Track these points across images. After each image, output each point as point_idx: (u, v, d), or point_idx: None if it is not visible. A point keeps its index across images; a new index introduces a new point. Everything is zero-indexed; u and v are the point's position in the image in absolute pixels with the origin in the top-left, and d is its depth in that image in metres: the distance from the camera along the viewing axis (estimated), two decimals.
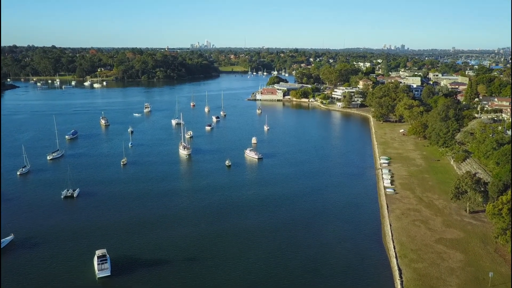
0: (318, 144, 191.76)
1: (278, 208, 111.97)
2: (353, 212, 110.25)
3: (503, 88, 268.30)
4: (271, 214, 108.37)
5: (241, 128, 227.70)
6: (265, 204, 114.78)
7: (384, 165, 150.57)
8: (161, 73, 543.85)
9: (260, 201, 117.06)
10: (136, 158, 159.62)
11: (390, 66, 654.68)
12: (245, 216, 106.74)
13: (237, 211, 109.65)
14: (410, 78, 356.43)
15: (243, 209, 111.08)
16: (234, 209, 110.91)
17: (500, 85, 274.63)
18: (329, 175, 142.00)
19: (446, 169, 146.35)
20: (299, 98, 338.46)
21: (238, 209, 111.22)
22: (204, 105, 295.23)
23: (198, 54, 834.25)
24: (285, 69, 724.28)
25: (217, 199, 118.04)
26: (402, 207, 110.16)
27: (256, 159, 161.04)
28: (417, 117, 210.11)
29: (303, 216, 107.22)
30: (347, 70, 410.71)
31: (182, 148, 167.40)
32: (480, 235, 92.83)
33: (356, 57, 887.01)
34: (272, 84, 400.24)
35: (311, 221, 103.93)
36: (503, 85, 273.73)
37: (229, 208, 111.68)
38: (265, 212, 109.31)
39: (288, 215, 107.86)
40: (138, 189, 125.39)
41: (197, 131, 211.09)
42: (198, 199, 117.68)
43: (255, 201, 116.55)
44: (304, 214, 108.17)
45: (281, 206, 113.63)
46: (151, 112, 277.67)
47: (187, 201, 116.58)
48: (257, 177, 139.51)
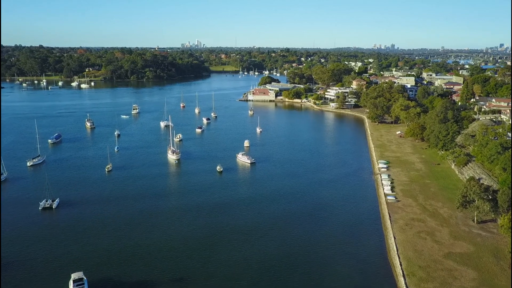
0: (313, 147, 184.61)
1: (274, 220, 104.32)
2: (353, 223, 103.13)
3: (499, 88, 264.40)
4: (267, 226, 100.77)
5: (233, 130, 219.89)
6: (260, 216, 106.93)
7: (383, 170, 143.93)
8: (151, 73, 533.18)
9: (255, 212, 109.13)
10: (122, 163, 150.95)
11: (382, 65, 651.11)
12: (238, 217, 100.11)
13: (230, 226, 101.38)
14: (404, 78, 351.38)
15: (236, 211, 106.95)
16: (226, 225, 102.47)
17: (496, 85, 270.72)
18: (326, 182, 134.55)
19: (447, 173, 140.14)
20: (291, 98, 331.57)
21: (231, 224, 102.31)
22: (195, 106, 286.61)
23: (188, 54, 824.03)
24: (276, 68, 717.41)
25: (208, 211, 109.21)
26: (406, 217, 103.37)
27: (249, 163, 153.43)
28: (414, 119, 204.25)
29: (301, 228, 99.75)
30: (340, 70, 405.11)
31: (171, 152, 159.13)
32: (491, 249, 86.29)
33: (348, 57, 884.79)
34: (264, 84, 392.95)
35: (310, 234, 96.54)
36: (498, 85, 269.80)
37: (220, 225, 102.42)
38: (260, 225, 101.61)
39: (284, 227, 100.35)
40: (123, 198, 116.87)
41: (187, 133, 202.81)
42: (187, 212, 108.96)
43: (248, 213, 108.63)
44: (302, 227, 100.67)
45: (277, 218, 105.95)
46: (140, 113, 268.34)
47: (176, 212, 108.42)
48: (250, 185, 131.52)
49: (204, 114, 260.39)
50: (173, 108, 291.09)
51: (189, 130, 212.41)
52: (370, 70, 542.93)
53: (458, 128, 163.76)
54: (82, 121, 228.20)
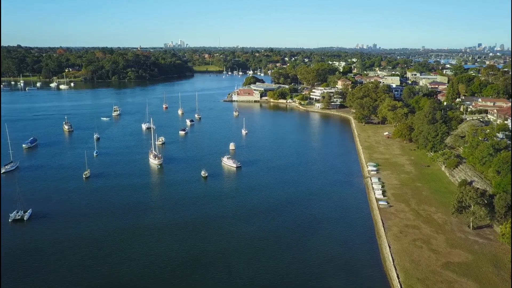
0: (300, 149, 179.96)
1: (261, 228, 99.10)
2: (345, 230, 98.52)
3: (484, 88, 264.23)
4: (253, 235, 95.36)
5: (218, 132, 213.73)
6: (246, 223, 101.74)
7: (372, 173, 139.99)
8: (133, 73, 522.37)
9: (240, 219, 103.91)
10: (101, 169, 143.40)
11: (365, 65, 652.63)
12: (224, 238, 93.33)
13: (215, 232, 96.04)
14: (389, 78, 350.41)
15: (222, 229, 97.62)
16: (211, 230, 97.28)
17: (480, 85, 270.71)
18: (315, 187, 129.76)
19: (438, 176, 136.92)
20: (276, 99, 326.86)
21: (216, 229, 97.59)
22: (178, 107, 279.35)
23: (171, 54, 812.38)
24: (260, 68, 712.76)
25: (193, 218, 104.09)
26: (399, 224, 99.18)
27: (235, 167, 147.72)
28: (402, 119, 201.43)
29: (290, 236, 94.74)
30: (325, 69, 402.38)
31: (153, 157, 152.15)
32: (490, 257, 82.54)
33: (331, 56, 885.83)
34: (248, 84, 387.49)
35: (299, 242, 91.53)
36: (483, 85, 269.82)
37: (206, 229, 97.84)
38: (246, 233, 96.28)
39: (272, 235, 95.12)
40: (101, 207, 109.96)
41: (169, 136, 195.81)
42: (171, 219, 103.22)
43: (234, 220, 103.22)
44: (291, 234, 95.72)
45: (264, 225, 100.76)
46: (121, 115, 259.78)
47: (158, 221, 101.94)
48: (236, 191, 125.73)
49: (187, 116, 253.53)
50: (155, 109, 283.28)
51: (172, 133, 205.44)
52: (354, 70, 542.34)
53: (447, 129, 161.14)
54: (59, 124, 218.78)
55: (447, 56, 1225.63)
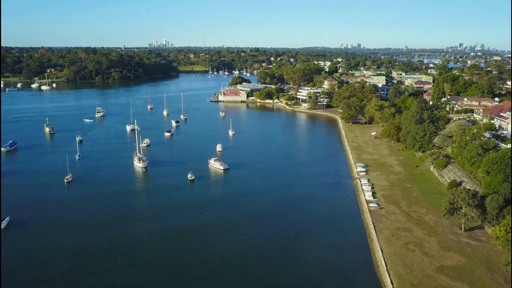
0: (288, 150, 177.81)
1: (250, 231, 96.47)
2: (336, 234, 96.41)
3: (468, 87, 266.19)
4: (241, 239, 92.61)
5: (204, 133, 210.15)
6: (234, 230, 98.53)
7: (361, 174, 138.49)
8: (117, 73, 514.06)
9: (228, 224, 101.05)
10: (83, 173, 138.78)
11: (350, 65, 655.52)
12: (212, 243, 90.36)
13: (203, 240, 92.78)
14: (375, 78, 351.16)
15: (210, 237, 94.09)
16: (199, 238, 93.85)
17: (465, 84, 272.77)
18: (304, 189, 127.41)
19: (427, 176, 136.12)
20: (263, 99, 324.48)
21: (204, 237, 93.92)
22: (163, 108, 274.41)
23: (156, 54, 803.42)
24: (246, 68, 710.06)
25: (179, 226, 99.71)
26: (391, 226, 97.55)
27: (222, 170, 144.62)
28: (389, 119, 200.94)
29: (280, 241, 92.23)
30: (311, 69, 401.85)
31: (137, 160, 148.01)
32: (483, 260, 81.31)
33: (316, 56, 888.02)
34: (234, 84, 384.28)
35: (290, 248, 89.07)
36: (467, 84, 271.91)
37: (193, 237, 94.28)
38: (234, 237, 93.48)
39: (261, 241, 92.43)
40: (83, 216, 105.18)
41: (155, 138, 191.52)
42: (156, 227, 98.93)
43: (222, 227, 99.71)
44: (280, 239, 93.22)
45: (253, 231, 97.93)
46: (104, 117, 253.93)
47: (143, 228, 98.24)
48: (224, 195, 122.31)
49: (173, 117, 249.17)
50: (140, 110, 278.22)
51: (157, 134, 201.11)
52: (340, 69, 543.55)
53: (434, 128, 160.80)
54: (40, 127, 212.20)
55: (430, 56, 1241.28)
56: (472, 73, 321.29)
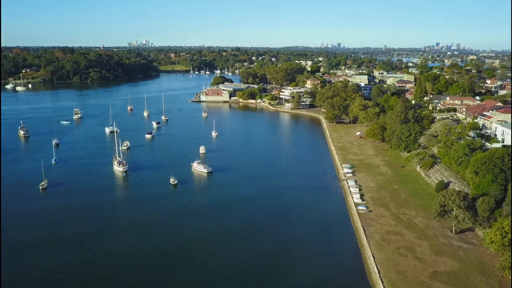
0: (273, 152, 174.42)
1: (237, 241, 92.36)
2: (325, 239, 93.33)
3: (450, 86, 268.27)
4: (230, 250, 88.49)
5: (186, 135, 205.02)
6: (221, 237, 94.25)
7: (348, 176, 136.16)
8: (95, 73, 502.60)
9: (215, 235, 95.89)
10: (60, 179, 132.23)
11: (331, 64, 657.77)
12: (198, 256, 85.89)
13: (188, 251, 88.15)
14: (357, 77, 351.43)
15: (196, 248, 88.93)
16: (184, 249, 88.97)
17: (446, 83, 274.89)
18: (290, 191, 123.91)
19: (413, 177, 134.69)
20: (246, 99, 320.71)
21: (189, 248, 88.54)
22: (143, 109, 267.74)
23: (136, 53, 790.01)
24: (228, 68, 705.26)
25: (163, 237, 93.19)
26: (381, 230, 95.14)
27: (206, 173, 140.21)
28: (373, 119, 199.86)
29: (267, 248, 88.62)
30: (293, 69, 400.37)
31: (117, 164, 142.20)
32: (476, 264, 79.48)
33: (297, 56, 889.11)
34: (216, 84, 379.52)
35: (278, 255, 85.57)
36: (448, 83, 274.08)
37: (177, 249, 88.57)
38: (222, 249, 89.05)
39: (249, 248, 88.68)
40: (59, 224, 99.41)
41: (135, 140, 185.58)
42: (137, 240, 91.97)
43: (208, 236, 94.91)
44: (268, 246, 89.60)
45: (241, 236, 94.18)
46: (82, 118, 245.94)
47: (122, 247, 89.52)
48: (209, 200, 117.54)
49: (153, 118, 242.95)
50: (119, 111, 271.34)
51: (138, 136, 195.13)
52: (321, 69, 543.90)
53: (420, 128, 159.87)
54: (14, 129, 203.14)
55: (408, 55, 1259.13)
56: (453, 72, 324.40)
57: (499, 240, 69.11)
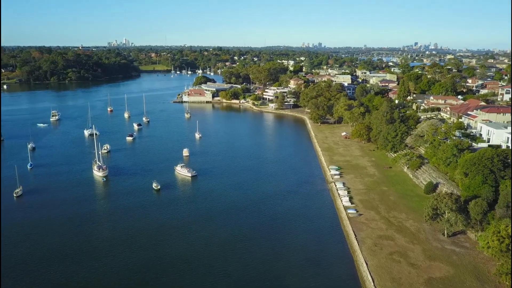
0: (258, 153, 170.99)
1: (224, 248, 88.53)
2: (316, 246, 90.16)
3: (432, 85, 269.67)
4: (217, 258, 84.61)
5: (169, 137, 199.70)
6: (208, 245, 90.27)
7: (336, 177, 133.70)
8: (74, 74, 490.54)
9: (201, 242, 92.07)
10: (36, 185, 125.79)
11: (313, 63, 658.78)
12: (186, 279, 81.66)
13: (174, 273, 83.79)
14: (340, 77, 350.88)
15: (183, 269, 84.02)
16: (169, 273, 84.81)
17: (428, 83, 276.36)
18: (278, 196, 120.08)
19: (401, 178, 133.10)
20: (229, 99, 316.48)
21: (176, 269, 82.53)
22: (124, 110, 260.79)
23: (116, 53, 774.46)
24: (209, 67, 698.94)
25: (146, 255, 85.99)
26: (372, 235, 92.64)
27: (190, 177, 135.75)
28: (359, 119, 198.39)
29: (256, 257, 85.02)
30: (276, 69, 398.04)
31: (97, 168, 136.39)
32: (471, 269, 77.57)
33: (279, 55, 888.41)
34: (199, 84, 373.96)
35: (269, 264, 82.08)
36: (431, 83, 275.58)
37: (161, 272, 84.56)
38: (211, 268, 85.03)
39: (237, 257, 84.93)
40: (34, 234, 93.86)
41: (116, 143, 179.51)
42: (118, 255, 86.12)
43: (193, 243, 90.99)
44: (257, 255, 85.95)
45: (228, 244, 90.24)
46: (60, 120, 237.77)
47: (104, 259, 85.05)
48: (193, 207, 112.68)
49: (134, 119, 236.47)
50: (99, 113, 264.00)
51: (119, 139, 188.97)
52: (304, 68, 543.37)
53: (406, 128, 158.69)
54: None
55: (388, 54, 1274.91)
56: (435, 71, 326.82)
57: (496, 245, 67.09)
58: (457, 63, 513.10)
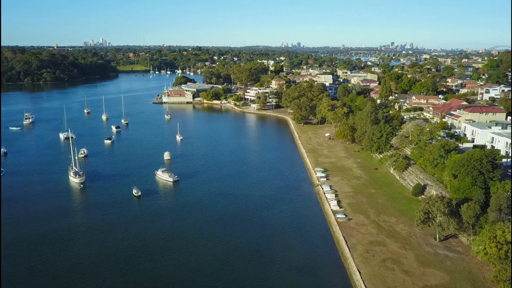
0: (241, 155, 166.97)
1: (211, 261, 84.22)
2: (306, 253, 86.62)
3: (413, 85, 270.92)
4: (205, 275, 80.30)
5: (149, 139, 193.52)
6: (192, 253, 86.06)
7: (322, 180, 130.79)
8: (48, 74, 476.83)
9: (184, 251, 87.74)
10: (7, 194, 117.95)
11: (293, 63, 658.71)
12: None
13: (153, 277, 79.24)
14: (322, 76, 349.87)
15: (167, 282, 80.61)
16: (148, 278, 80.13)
17: (409, 82, 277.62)
18: (263, 201, 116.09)
19: (388, 180, 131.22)
20: (210, 100, 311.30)
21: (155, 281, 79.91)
22: (101, 112, 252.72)
23: (92, 53, 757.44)
24: (189, 67, 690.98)
25: (127, 276, 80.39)
26: (363, 240, 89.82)
27: (171, 182, 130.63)
28: (342, 119, 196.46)
29: (244, 268, 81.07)
30: (257, 69, 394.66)
31: (73, 174, 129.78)
32: (465, 275, 75.48)
33: (259, 55, 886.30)
34: (179, 84, 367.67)
35: (257, 274, 78.23)
36: (411, 82, 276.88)
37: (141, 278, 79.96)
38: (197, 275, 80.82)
39: (225, 270, 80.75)
40: (4, 247, 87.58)
41: (93, 147, 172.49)
42: (95, 265, 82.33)
43: (175, 253, 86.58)
44: (246, 268, 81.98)
45: (214, 258, 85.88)
46: (34, 123, 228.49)
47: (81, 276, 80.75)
48: (176, 212, 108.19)
49: (113, 121, 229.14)
50: (75, 115, 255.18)
51: (96, 142, 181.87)
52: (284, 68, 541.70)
53: (391, 129, 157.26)
54: None
55: (366, 54, 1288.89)
56: (415, 71, 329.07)
57: (495, 252, 64.89)
58: (435, 63, 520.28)
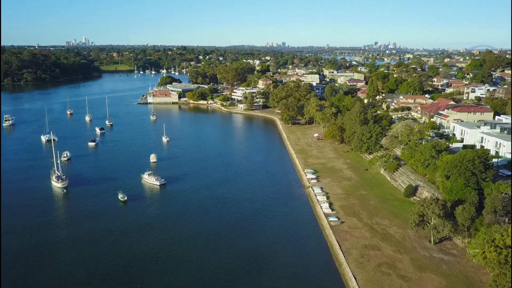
0: (229, 157, 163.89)
1: (200, 264, 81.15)
2: (299, 259, 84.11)
3: (400, 84, 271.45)
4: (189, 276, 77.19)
5: (134, 141, 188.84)
6: (180, 260, 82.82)
7: (313, 182, 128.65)
8: (29, 74, 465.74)
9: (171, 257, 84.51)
10: None
11: (279, 63, 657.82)
12: None
13: None
14: (309, 76, 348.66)
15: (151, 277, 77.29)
16: None
17: (396, 82, 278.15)
18: (253, 204, 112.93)
19: (379, 181, 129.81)
20: (196, 100, 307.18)
21: None
22: (85, 113, 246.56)
23: (75, 53, 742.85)
24: (174, 67, 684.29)
25: (110, 270, 79.42)
26: (357, 244, 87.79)
27: (158, 185, 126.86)
28: (331, 119, 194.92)
29: (237, 276, 78.21)
30: (244, 68, 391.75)
31: (56, 179, 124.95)
32: (462, 279, 74.04)
33: (245, 55, 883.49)
34: (164, 84, 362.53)
35: (249, 284, 75.43)
36: (398, 82, 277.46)
37: None
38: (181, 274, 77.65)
39: (216, 278, 77.81)
40: None
41: (76, 149, 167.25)
42: (80, 272, 79.21)
43: (163, 259, 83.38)
44: (235, 271, 79.18)
45: (203, 259, 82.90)
46: (14, 125, 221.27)
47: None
48: (163, 217, 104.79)
49: (97, 123, 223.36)
50: (58, 116, 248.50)
51: (80, 145, 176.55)
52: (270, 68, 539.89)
53: (381, 129, 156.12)
54: None
55: (350, 53, 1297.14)
56: (401, 70, 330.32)
57: (495, 257, 63.30)
58: (420, 62, 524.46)
